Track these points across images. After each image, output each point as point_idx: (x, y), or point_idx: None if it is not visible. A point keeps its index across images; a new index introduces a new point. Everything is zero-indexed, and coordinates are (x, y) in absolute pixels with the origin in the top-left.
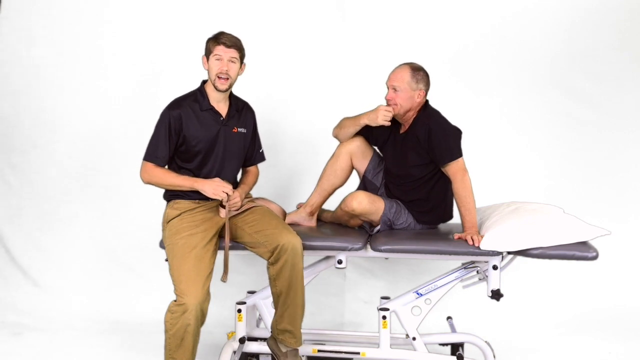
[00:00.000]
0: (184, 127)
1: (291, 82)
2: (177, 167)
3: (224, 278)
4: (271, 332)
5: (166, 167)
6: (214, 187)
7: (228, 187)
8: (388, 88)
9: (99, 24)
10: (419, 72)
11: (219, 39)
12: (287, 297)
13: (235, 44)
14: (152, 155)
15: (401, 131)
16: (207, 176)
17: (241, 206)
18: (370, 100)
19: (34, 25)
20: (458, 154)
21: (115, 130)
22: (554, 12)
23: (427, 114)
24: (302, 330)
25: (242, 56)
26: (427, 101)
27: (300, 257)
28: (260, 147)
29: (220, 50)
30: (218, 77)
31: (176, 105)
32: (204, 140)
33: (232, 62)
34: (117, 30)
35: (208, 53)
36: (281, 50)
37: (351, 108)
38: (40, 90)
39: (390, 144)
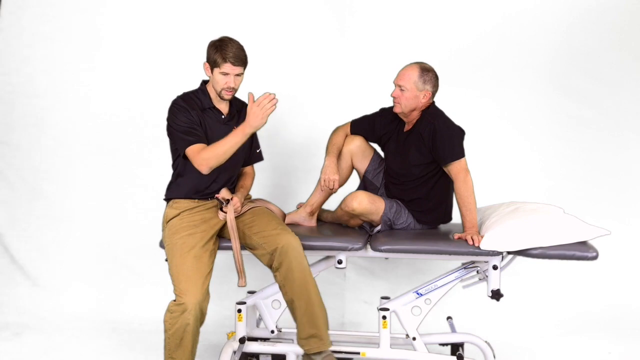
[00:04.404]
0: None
1: (291, 83)
2: (183, 166)
3: (241, 283)
4: (299, 346)
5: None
6: (259, 112)
7: (268, 106)
8: (395, 85)
9: (100, 24)
10: (427, 73)
11: (226, 56)
12: (301, 301)
13: (242, 61)
14: (191, 139)
15: (405, 129)
16: (210, 174)
17: (241, 209)
18: (370, 101)
19: (34, 24)
20: (461, 154)
21: (115, 130)
22: (554, 12)
23: (433, 113)
24: None
25: (245, 67)
26: (433, 101)
27: (302, 256)
28: (258, 146)
29: (227, 68)
30: (224, 89)
31: (182, 100)
32: (207, 138)
33: (238, 76)
34: (117, 30)
35: (212, 65)
36: (281, 50)
37: (351, 108)
38: (40, 90)
39: (393, 141)
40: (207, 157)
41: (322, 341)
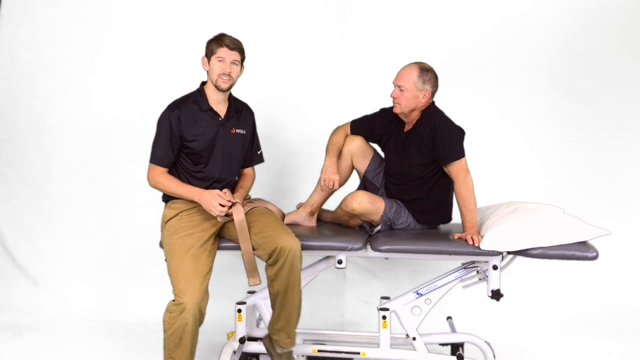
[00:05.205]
0: (184, 128)
1: (291, 83)
2: (180, 169)
3: (255, 281)
4: (268, 330)
5: (168, 170)
6: (209, 204)
7: (224, 200)
8: (394, 86)
9: (101, 25)
10: (427, 73)
11: (222, 41)
12: (284, 298)
13: (238, 47)
14: (156, 157)
15: (405, 129)
16: (208, 177)
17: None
18: (370, 101)
19: (34, 25)
20: (461, 154)
21: (115, 130)
22: (554, 12)
23: (433, 113)
24: (302, 330)
25: (243, 59)
26: (432, 101)
27: (298, 259)
28: (259, 148)
29: (223, 52)
30: (220, 77)
31: (175, 106)
32: (203, 141)
33: (235, 64)
34: (118, 30)
35: (210, 54)
36: (281, 51)
37: (351, 108)
38: (40, 91)
39: (393, 141)
40: (159, 181)
41: (289, 339)
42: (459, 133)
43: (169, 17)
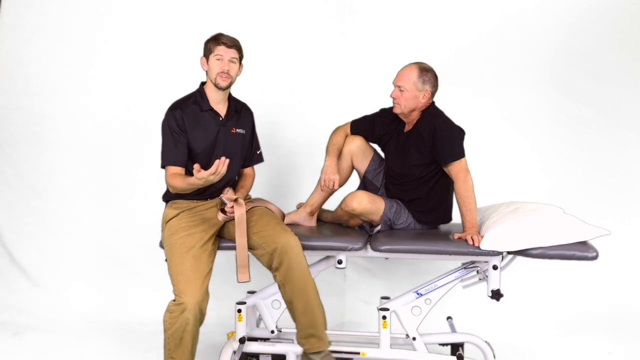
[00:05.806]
0: (187, 128)
1: (291, 83)
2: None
3: (244, 278)
4: (298, 343)
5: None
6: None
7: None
8: (394, 86)
9: (102, 24)
10: (426, 73)
11: (219, 40)
12: (300, 301)
13: (236, 45)
14: (168, 159)
15: (405, 129)
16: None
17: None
18: (370, 101)
19: (34, 25)
20: (461, 154)
21: (115, 130)
22: (554, 12)
23: (433, 113)
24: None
25: (241, 57)
26: (432, 101)
27: (301, 256)
28: (258, 148)
29: (221, 50)
30: (219, 74)
31: (177, 106)
32: (204, 141)
33: (233, 62)
34: (118, 30)
35: (208, 53)
36: (281, 51)
37: (351, 109)
38: (40, 90)
39: (394, 141)
40: (175, 184)
41: (321, 341)
42: (459, 133)
43: (169, 17)
